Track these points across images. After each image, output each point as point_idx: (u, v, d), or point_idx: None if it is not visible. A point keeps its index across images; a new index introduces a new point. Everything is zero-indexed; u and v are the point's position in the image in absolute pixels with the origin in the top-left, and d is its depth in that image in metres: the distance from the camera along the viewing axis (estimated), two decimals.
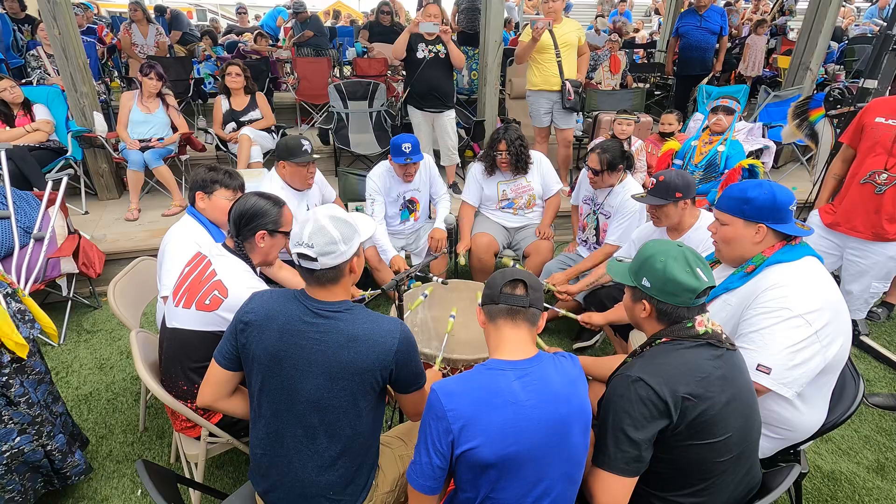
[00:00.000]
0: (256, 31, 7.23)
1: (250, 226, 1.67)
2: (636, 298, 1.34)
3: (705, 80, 5.76)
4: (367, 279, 3.10)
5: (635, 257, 1.36)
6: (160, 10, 7.34)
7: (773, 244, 1.58)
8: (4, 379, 1.65)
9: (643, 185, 3.54)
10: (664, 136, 4.06)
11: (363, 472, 1.39)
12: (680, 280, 1.24)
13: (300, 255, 1.27)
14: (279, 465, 1.34)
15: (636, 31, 10.29)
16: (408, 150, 2.82)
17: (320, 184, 2.91)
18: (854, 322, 2.96)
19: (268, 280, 2.41)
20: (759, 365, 1.46)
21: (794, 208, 1.58)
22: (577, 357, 1.31)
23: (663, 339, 1.28)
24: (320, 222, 1.27)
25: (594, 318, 2.22)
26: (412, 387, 1.39)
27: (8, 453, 1.69)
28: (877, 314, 3.23)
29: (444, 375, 1.82)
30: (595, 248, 2.97)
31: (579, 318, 2.27)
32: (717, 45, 5.93)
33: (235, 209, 1.68)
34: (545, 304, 1.38)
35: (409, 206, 3.19)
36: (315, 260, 1.26)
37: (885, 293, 3.12)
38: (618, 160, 2.65)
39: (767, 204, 1.53)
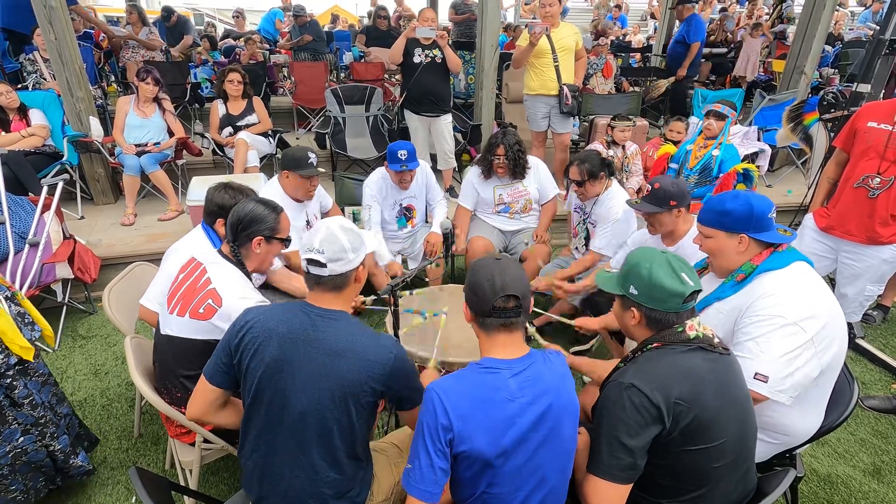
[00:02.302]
0: (246, 36, 7.24)
1: (247, 231, 1.68)
2: (625, 307, 1.36)
3: (665, 83, 6.17)
4: (365, 284, 3.10)
5: (622, 267, 1.38)
6: (167, 12, 7.35)
7: (760, 252, 1.60)
8: (9, 381, 1.67)
9: (638, 190, 3.56)
10: (671, 143, 4.05)
11: (357, 482, 1.38)
12: (666, 285, 1.25)
13: (310, 262, 1.31)
14: (271, 475, 1.34)
15: (615, 27, 10.32)
16: (404, 158, 2.83)
17: (319, 193, 2.92)
18: (849, 325, 2.96)
19: (265, 289, 2.41)
20: (756, 373, 1.46)
21: (774, 215, 1.60)
22: (564, 355, 1.33)
23: (655, 345, 1.28)
24: (331, 230, 1.33)
25: (589, 322, 2.21)
26: (410, 403, 1.39)
27: (11, 453, 1.70)
28: (872, 317, 3.24)
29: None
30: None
31: (574, 322, 2.26)
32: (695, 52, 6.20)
33: (233, 214, 1.68)
34: (539, 311, 1.39)
35: (405, 214, 3.20)
36: (325, 266, 1.30)
37: (879, 296, 3.13)
38: (597, 168, 2.67)
39: (745, 214, 1.57)
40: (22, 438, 1.71)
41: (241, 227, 1.67)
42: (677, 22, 6.39)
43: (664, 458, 1.23)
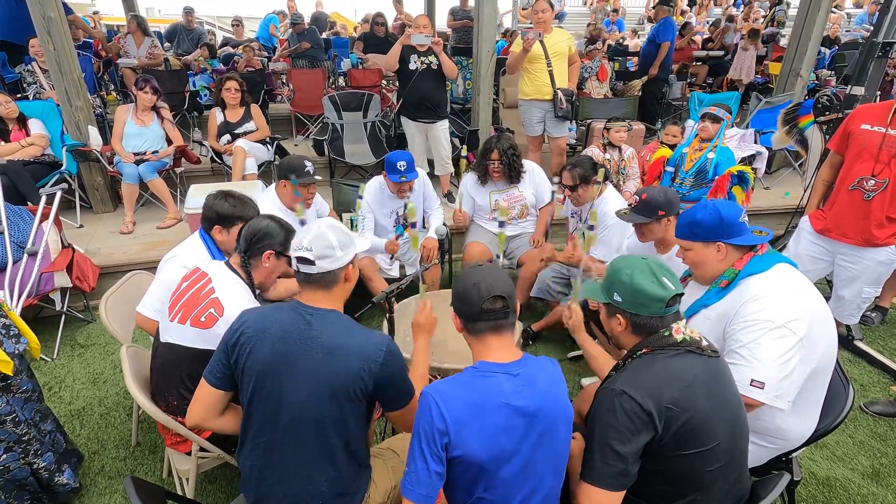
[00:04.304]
0: (245, 44, 7.28)
1: (260, 244, 1.72)
2: (611, 314, 1.38)
3: (639, 83, 6.29)
4: (362, 289, 3.10)
5: (605, 275, 1.40)
6: (189, 11, 7.48)
7: (740, 257, 1.61)
8: None
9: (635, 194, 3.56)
10: (667, 146, 4.06)
11: (354, 482, 1.40)
12: (647, 290, 1.27)
13: (299, 259, 1.34)
14: (269, 475, 1.35)
15: (612, 30, 10.35)
16: (403, 168, 2.83)
17: (316, 201, 2.93)
18: (848, 327, 2.96)
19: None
20: (752, 381, 1.46)
21: (745, 219, 1.62)
22: (557, 361, 1.34)
23: (643, 350, 1.29)
24: (320, 229, 1.37)
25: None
26: (398, 403, 1.40)
27: None
28: (870, 318, 3.24)
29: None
30: None
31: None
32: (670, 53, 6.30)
33: (249, 227, 1.74)
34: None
35: (403, 221, 3.20)
36: (313, 263, 1.32)
37: (876, 297, 3.13)
38: (590, 173, 2.67)
39: (715, 223, 1.60)
40: (5, 456, 1.70)
41: (256, 240, 1.71)
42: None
43: (658, 463, 1.23)
